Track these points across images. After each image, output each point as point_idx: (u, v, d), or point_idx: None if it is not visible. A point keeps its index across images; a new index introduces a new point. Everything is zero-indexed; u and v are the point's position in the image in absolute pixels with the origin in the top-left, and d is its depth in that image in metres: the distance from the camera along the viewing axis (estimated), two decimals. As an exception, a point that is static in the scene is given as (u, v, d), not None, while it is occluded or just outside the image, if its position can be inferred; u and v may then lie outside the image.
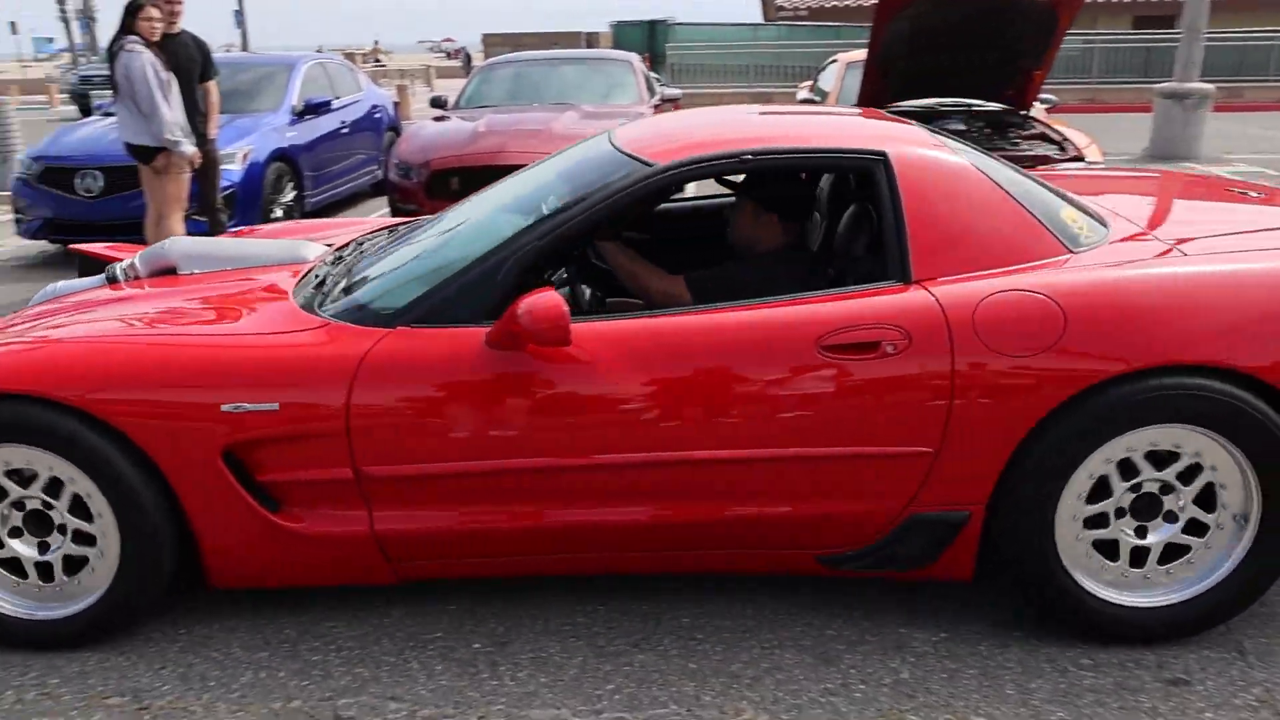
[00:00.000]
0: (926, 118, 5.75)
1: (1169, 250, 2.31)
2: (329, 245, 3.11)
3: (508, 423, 2.18)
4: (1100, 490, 2.21)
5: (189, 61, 5.85)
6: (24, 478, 2.29)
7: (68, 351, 2.29)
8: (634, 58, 8.31)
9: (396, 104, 10.14)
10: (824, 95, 7.58)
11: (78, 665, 2.31)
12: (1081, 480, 2.18)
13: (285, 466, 2.23)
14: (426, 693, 2.19)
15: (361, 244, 3.07)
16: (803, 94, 7.84)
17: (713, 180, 2.71)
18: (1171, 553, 2.26)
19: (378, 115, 9.24)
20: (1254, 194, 2.97)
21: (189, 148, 5.52)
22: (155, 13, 5.47)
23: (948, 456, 2.18)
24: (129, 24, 5.43)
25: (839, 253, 2.59)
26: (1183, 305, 2.12)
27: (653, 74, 8.85)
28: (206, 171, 5.91)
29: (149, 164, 5.56)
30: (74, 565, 2.34)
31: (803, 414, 2.16)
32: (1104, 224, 2.49)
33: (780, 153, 2.40)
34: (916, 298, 2.18)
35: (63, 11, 38.15)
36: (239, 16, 30.69)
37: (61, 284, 3.01)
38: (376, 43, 43.73)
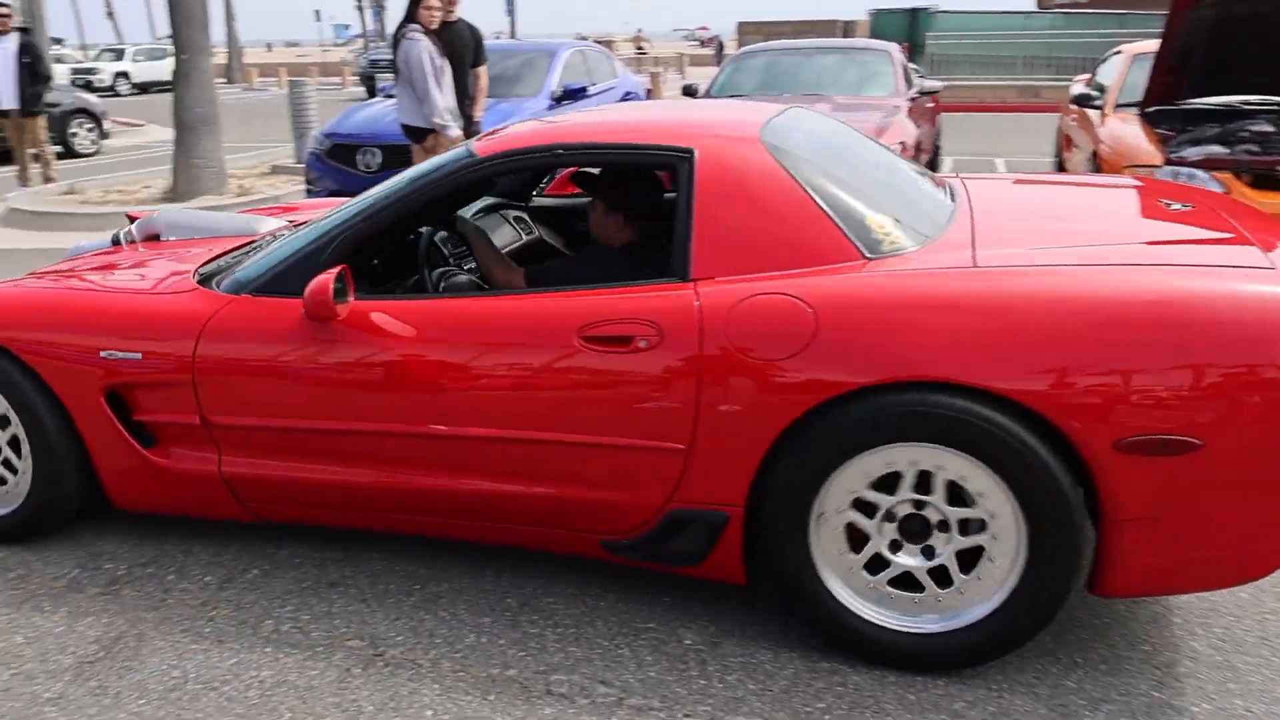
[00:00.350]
0: (1227, 116, 5.14)
1: (957, 264, 2.11)
2: (289, 222, 3.42)
3: (310, 387, 2.41)
4: (867, 507, 2.13)
5: (462, 48, 6.23)
6: None
7: (6, 295, 2.76)
8: (893, 47, 8.00)
9: (649, 91, 10.34)
10: (1103, 90, 6.97)
11: (325, 606, 2.52)
12: (840, 494, 2.11)
13: (153, 409, 2.60)
14: (635, 681, 2.20)
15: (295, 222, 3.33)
16: (1078, 88, 7.24)
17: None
18: (944, 580, 2.13)
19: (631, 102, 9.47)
20: (1181, 205, 2.60)
21: (455, 130, 5.88)
22: (435, 2, 5.85)
23: (699, 455, 2.17)
24: (412, 12, 5.85)
25: (656, 249, 2.61)
26: (935, 320, 1.98)
27: (911, 65, 8.48)
28: (451, 152, 6.27)
29: (420, 143, 5.97)
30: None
31: (562, 400, 2.23)
32: (928, 232, 2.31)
33: (589, 148, 2.43)
34: (681, 296, 2.18)
35: (359, 1, 41.93)
36: (509, 5, 32.46)
37: (85, 243, 3.54)
38: (639, 31, 45.05)
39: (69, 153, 12.98)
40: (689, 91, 7.90)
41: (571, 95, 8.09)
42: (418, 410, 2.35)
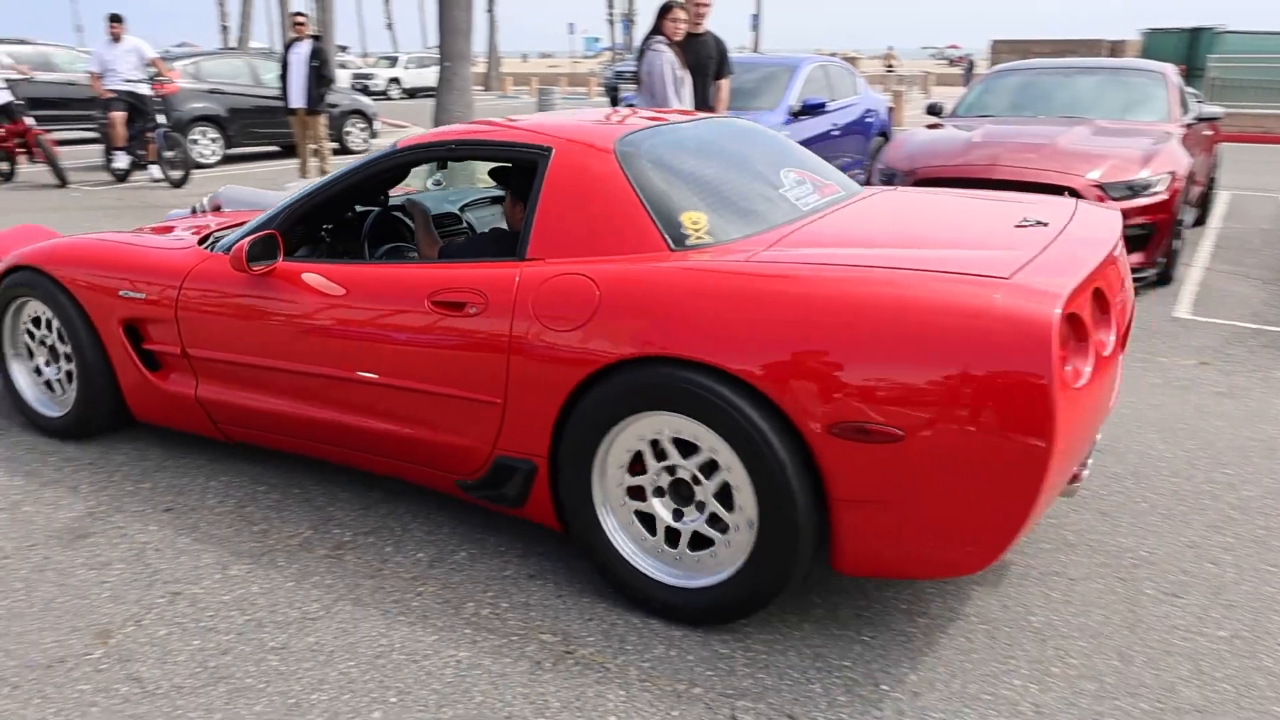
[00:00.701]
0: None
1: (737, 259, 2.31)
2: None
3: (247, 330, 2.96)
4: (639, 465, 2.39)
5: (707, 59, 6.28)
6: (37, 320, 3.62)
7: (63, 245, 3.48)
8: (1169, 69, 7.32)
9: (891, 109, 10.03)
10: None
11: (524, 597, 2.58)
12: (619, 452, 2.38)
13: (154, 340, 3.25)
14: (824, 721, 2.10)
15: None
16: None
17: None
18: (702, 542, 2.37)
19: (869, 120, 9.22)
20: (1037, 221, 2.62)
21: (692, 140, 5.93)
22: (681, 14, 5.93)
23: (510, 409, 2.49)
24: (658, 24, 5.96)
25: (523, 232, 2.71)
26: (690, 305, 2.21)
27: (1189, 89, 7.73)
28: (703, 163, 6.31)
29: (656, 153, 6.07)
30: (58, 385, 3.62)
31: (414, 354, 2.62)
32: (745, 231, 2.53)
33: (475, 143, 2.80)
34: (508, 273, 2.51)
35: (610, 14, 43.48)
36: (755, 21, 32.61)
37: (175, 211, 4.56)
38: (890, 49, 44.07)
39: (343, 149, 14.26)
40: (933, 109, 7.59)
41: (810, 110, 7.98)
42: (317, 354, 2.82)
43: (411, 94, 35.27)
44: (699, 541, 2.38)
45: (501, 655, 2.33)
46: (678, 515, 2.38)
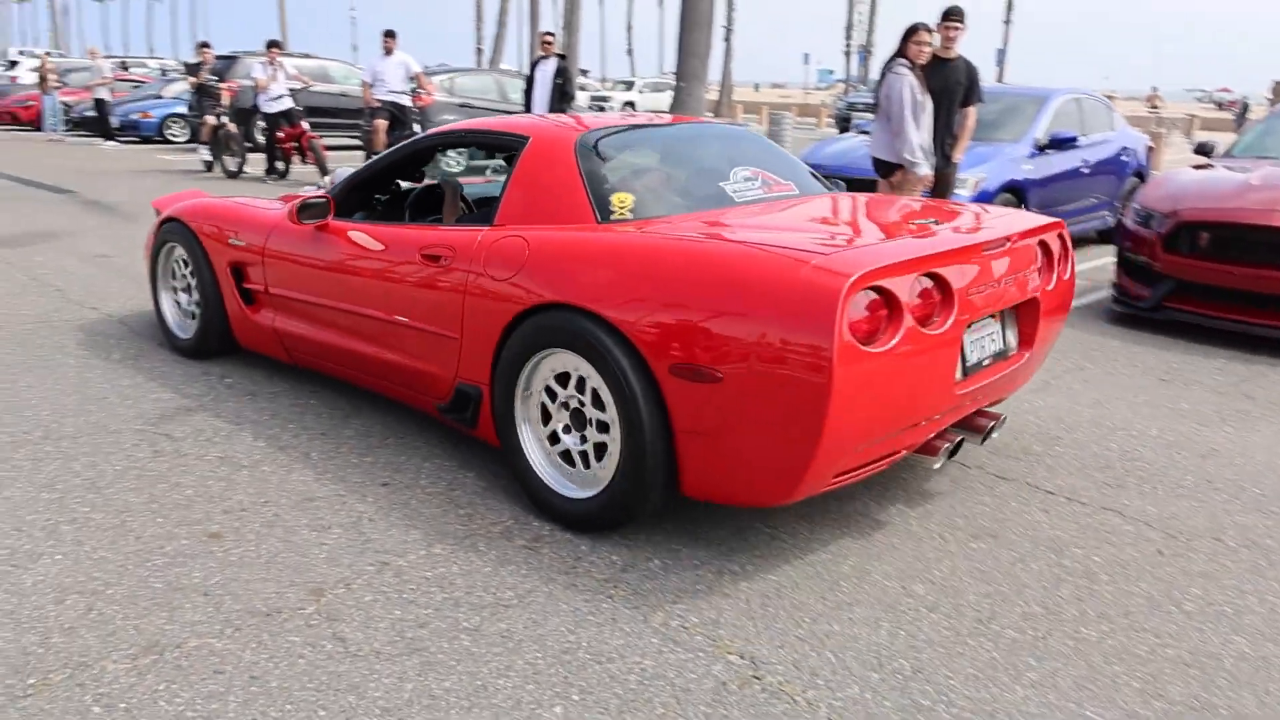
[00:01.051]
0: None
1: (634, 230, 2.87)
2: None
3: (304, 272, 3.74)
4: (550, 395, 2.93)
5: (955, 85, 6.01)
6: (182, 261, 4.57)
7: (202, 203, 4.44)
8: None
9: (1150, 149, 9.25)
10: None
11: (714, 614, 2.50)
12: (536, 380, 2.94)
13: (250, 280, 4.07)
14: (1036, 798, 1.88)
15: None
16: None
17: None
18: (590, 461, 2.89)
19: (1124, 159, 8.54)
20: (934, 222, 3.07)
21: (924, 169, 5.68)
22: (927, 37, 5.70)
23: (465, 343, 3.11)
24: (902, 47, 5.76)
25: (495, 205, 3.28)
26: (585, 262, 2.77)
27: None
28: (940, 192, 6.03)
29: (887, 178, 5.86)
30: (190, 313, 4.54)
31: (404, 294, 3.31)
32: (665, 212, 3.08)
33: (479, 133, 3.55)
34: (476, 234, 3.14)
35: (847, 46, 42.94)
36: (1000, 55, 31.25)
37: (307, 188, 5.09)
38: (1154, 90, 41.11)
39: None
40: (1203, 149, 6.91)
41: (1058, 145, 7.49)
42: (344, 293, 3.58)
43: (644, 117, 36.26)
44: (590, 461, 2.88)
45: (686, 670, 2.26)
46: (578, 439, 2.90)
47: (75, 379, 4.28)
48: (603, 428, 2.79)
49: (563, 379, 2.88)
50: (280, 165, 12.37)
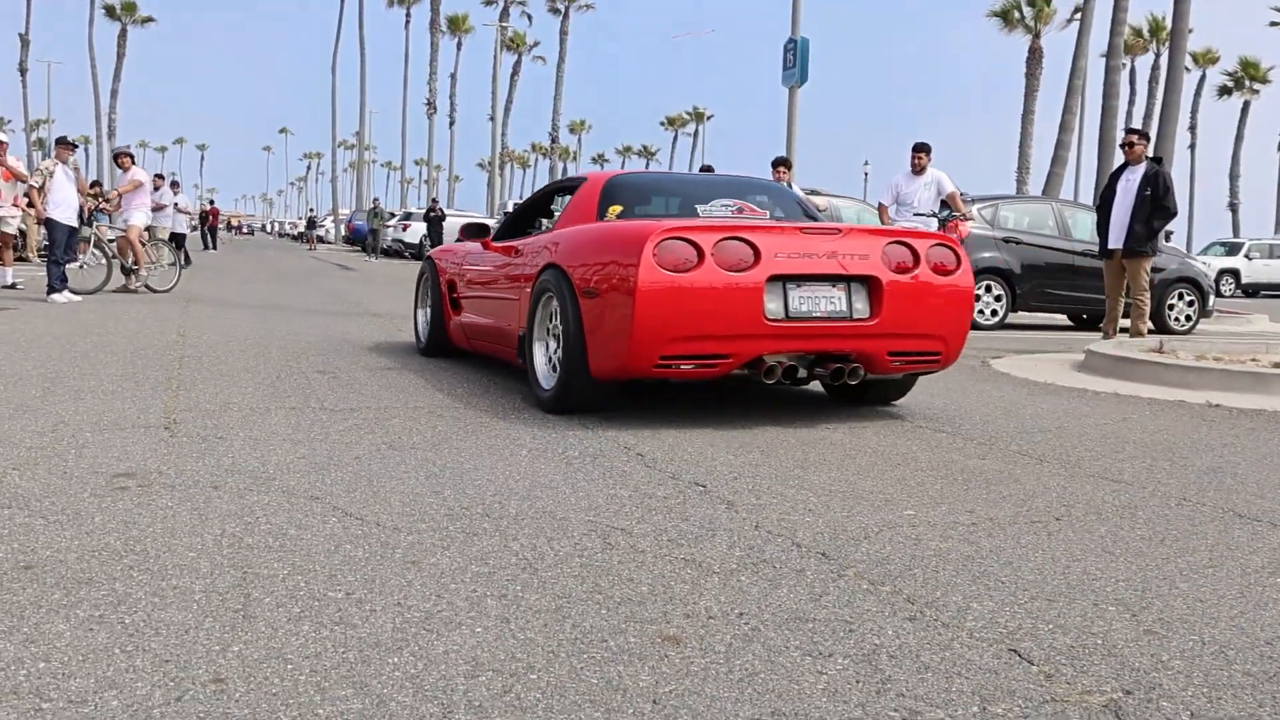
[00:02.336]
0: None
1: (606, 224, 6.24)
2: None
3: (470, 272, 7.76)
4: (545, 330, 6.15)
5: None
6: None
7: (443, 246, 9.64)
8: None
9: None
10: None
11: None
12: (542, 316, 6.08)
13: (454, 293, 8.02)
14: None
15: None
16: None
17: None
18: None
19: None
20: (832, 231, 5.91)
21: None
22: None
23: (520, 305, 6.46)
24: None
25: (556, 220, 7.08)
26: (566, 241, 6.00)
27: None
28: None
29: None
30: (428, 321, 8.71)
31: (502, 277, 7.01)
32: (651, 215, 6.48)
33: (568, 181, 7.66)
34: (541, 238, 6.63)
35: None
36: None
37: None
38: None
39: (1160, 326, 13.55)
40: None
41: None
42: (488, 282, 7.26)
43: (1251, 291, 33.32)
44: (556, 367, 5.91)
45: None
46: (552, 348, 5.96)
47: (527, 467, 4.42)
48: (558, 339, 5.81)
49: (553, 315, 5.90)
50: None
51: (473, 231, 7.64)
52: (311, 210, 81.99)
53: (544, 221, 7.51)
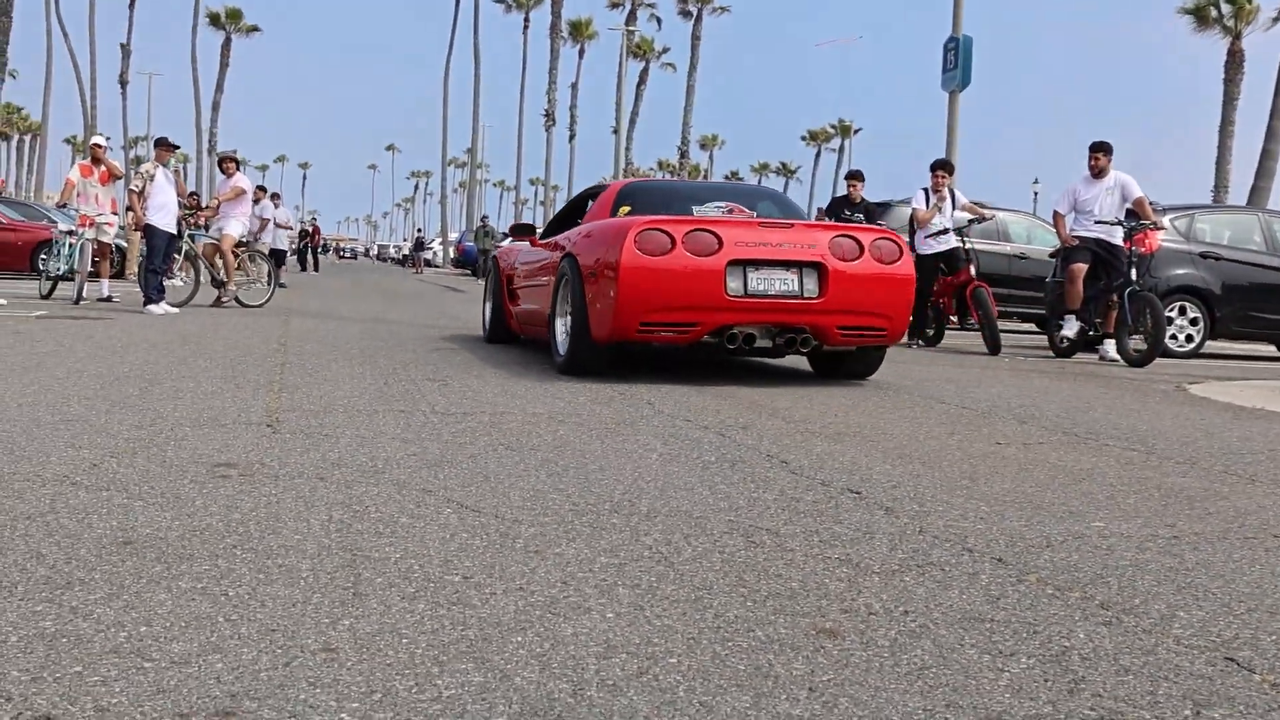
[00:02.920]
0: None
1: (620, 220, 8.21)
2: None
3: (520, 266, 10.39)
4: (566, 298, 8.60)
5: None
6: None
7: (506, 244, 13.63)
8: None
9: None
10: None
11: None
12: (563, 294, 8.39)
13: (512, 285, 10.66)
14: None
15: None
16: None
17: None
18: None
19: None
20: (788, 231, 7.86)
21: None
22: None
23: (551, 287, 8.75)
24: None
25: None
26: (581, 233, 8.52)
27: None
28: None
29: None
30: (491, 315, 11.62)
31: (543, 268, 9.27)
32: (641, 214, 8.20)
33: (594, 188, 10.39)
34: (572, 233, 8.90)
35: None
36: None
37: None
38: None
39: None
40: None
41: None
42: (531, 274, 9.75)
43: None
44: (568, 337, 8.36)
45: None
46: (566, 322, 8.29)
47: (659, 469, 4.42)
48: (566, 313, 8.17)
49: (568, 295, 8.06)
50: (929, 330, 12.69)
51: (520, 231, 10.64)
52: (419, 230, 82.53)
53: (580, 221, 9.55)
